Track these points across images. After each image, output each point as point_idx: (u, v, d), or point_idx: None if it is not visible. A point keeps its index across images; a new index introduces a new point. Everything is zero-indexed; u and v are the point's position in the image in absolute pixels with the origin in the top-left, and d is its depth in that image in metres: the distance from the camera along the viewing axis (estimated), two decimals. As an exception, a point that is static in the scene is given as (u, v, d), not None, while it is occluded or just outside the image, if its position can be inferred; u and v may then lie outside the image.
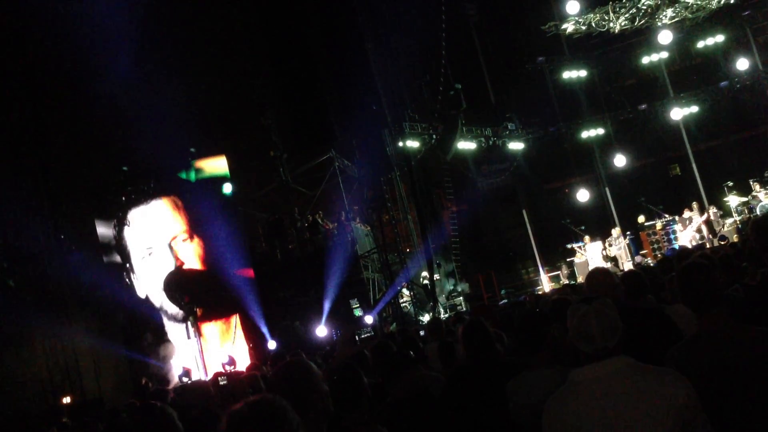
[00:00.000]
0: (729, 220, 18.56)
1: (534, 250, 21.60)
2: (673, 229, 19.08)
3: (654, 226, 19.68)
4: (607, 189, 21.65)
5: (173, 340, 15.82)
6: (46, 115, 16.64)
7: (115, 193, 16.45)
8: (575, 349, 2.59)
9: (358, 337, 14.12)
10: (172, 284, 15.77)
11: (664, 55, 21.42)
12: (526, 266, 22.36)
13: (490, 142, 20.79)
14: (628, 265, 17.87)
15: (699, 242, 17.70)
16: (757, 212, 17.70)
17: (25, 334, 14.83)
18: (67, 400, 14.66)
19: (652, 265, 15.00)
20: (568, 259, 20.23)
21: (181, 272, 15.94)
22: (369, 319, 15.62)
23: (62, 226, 16.09)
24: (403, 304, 17.81)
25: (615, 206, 21.38)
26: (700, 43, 21.28)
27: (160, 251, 16.06)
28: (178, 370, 14.74)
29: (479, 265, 21.21)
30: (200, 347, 14.05)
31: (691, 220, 18.65)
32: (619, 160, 21.65)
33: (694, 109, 21.21)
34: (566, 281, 18.93)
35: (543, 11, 20.73)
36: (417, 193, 18.61)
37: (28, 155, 16.35)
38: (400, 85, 19.15)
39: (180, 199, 16.41)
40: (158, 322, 15.95)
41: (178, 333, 15.70)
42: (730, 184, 19.25)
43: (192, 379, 13.03)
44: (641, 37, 21.21)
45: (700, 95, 21.31)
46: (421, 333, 9.12)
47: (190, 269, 16.04)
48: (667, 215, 19.56)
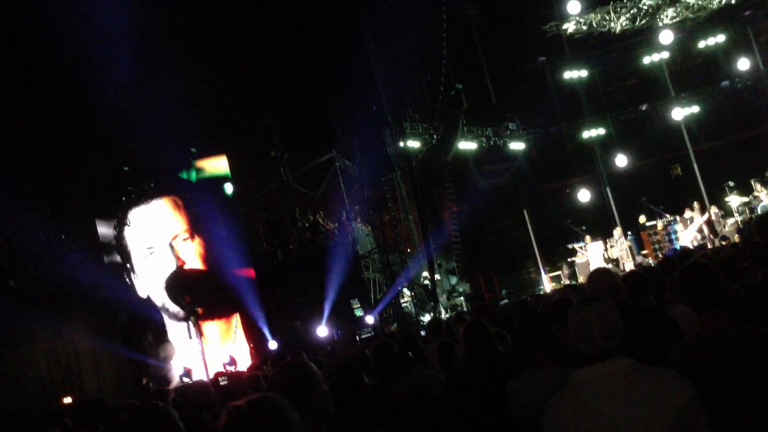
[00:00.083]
0: (730, 220, 18.54)
1: (535, 250, 21.59)
2: (674, 229, 19.07)
3: (655, 226, 19.66)
4: (608, 189, 21.64)
5: (174, 340, 15.81)
6: (47, 115, 16.64)
7: (115, 193, 16.43)
8: (576, 349, 2.59)
9: (358, 337, 14.12)
10: (173, 284, 15.75)
11: (665, 55, 21.40)
12: (527, 266, 22.34)
13: (491, 142, 20.79)
14: (629, 265, 17.86)
15: (700, 242, 17.69)
16: (758, 212, 17.67)
17: (25, 333, 14.83)
18: (68, 401, 14.66)
19: (653, 265, 15.01)
20: (569, 260, 20.23)
21: (182, 272, 15.93)
22: (370, 320, 15.61)
23: (63, 225, 16.09)
24: (404, 305, 17.80)
25: (616, 206, 21.36)
26: (701, 43, 21.26)
27: (161, 251, 16.06)
28: (178, 370, 14.73)
29: (480, 265, 21.20)
30: (201, 347, 14.03)
31: (693, 220, 18.63)
32: (620, 160, 21.64)
33: (695, 109, 21.21)
34: (567, 281, 18.92)
35: (544, 11, 20.72)
36: (418, 193, 18.60)
37: (29, 155, 16.34)
38: (400, 85, 19.15)
39: (181, 199, 16.39)
40: (159, 322, 15.94)
41: (179, 333, 15.70)
42: (731, 184, 19.24)
43: (193, 379, 13.03)
44: (642, 37, 21.20)
45: (701, 95, 21.31)
46: (422, 333, 9.11)
47: (191, 269, 16.03)
48: (668, 215, 19.54)
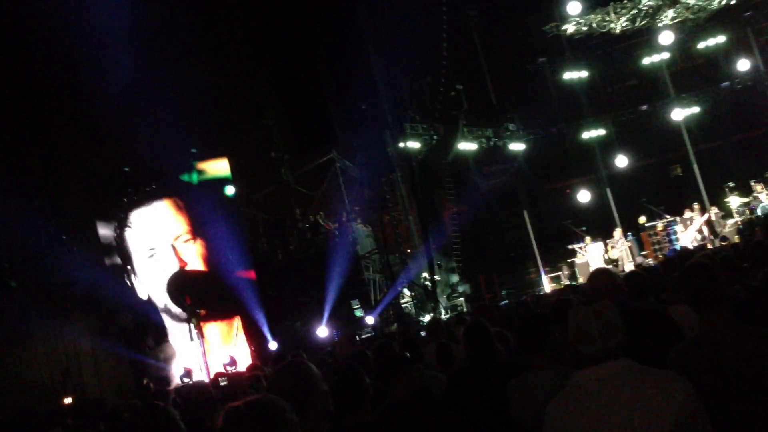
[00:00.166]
0: (730, 221, 18.54)
1: (535, 250, 21.57)
2: (674, 229, 19.07)
3: (655, 226, 19.66)
4: (608, 189, 21.62)
5: (175, 341, 15.80)
6: (48, 115, 16.64)
7: (116, 194, 16.43)
8: (576, 350, 2.59)
9: (358, 338, 14.14)
10: (174, 285, 15.74)
11: (665, 55, 21.39)
12: (527, 267, 22.33)
13: (491, 143, 20.78)
14: (629, 266, 17.86)
15: (700, 243, 17.69)
16: (758, 213, 17.69)
17: (26, 334, 14.83)
18: (68, 401, 14.66)
19: (653, 265, 15.01)
20: (569, 260, 20.22)
21: (183, 273, 15.92)
22: (370, 320, 15.62)
23: (64, 226, 16.09)
24: (404, 305, 17.80)
25: (616, 207, 21.35)
26: (702, 44, 21.25)
27: (163, 252, 16.05)
28: (179, 371, 14.73)
29: (480, 265, 21.19)
30: (203, 348, 14.02)
31: (693, 220, 18.64)
32: (621, 161, 21.62)
33: (695, 109, 21.19)
34: (567, 282, 18.92)
35: (544, 12, 20.70)
36: (418, 193, 18.60)
37: (30, 156, 16.35)
38: (401, 85, 19.14)
39: (182, 201, 16.38)
40: (160, 324, 15.93)
41: (180, 334, 15.68)
42: (731, 184, 19.25)
43: (193, 380, 13.03)
44: (642, 37, 21.18)
45: (701, 96, 21.29)
46: (422, 333, 9.11)
47: (192, 270, 16.02)
48: (668, 216, 19.54)
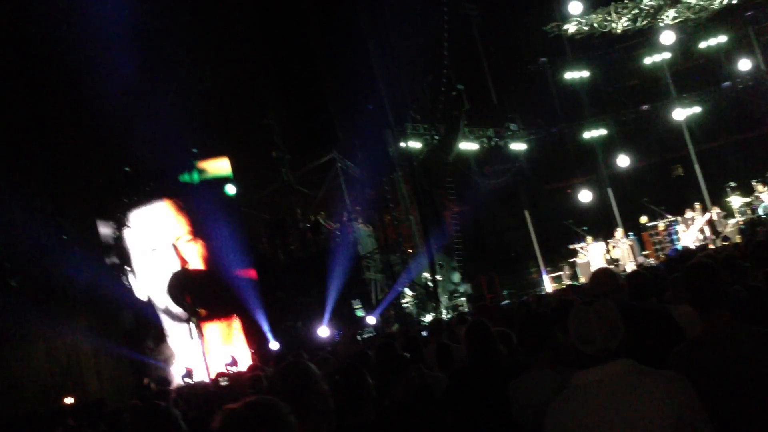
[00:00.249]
0: (731, 221, 18.52)
1: (536, 250, 21.56)
2: (676, 229, 19.06)
3: (656, 226, 19.64)
4: (610, 189, 21.61)
5: (175, 341, 15.80)
6: (49, 115, 16.66)
7: (116, 194, 16.44)
8: (577, 350, 2.58)
9: (359, 337, 14.13)
10: (175, 284, 15.75)
11: (667, 55, 21.35)
12: (529, 267, 22.31)
13: (492, 143, 20.76)
14: (630, 266, 17.84)
15: (702, 243, 17.67)
16: (760, 212, 17.67)
17: (26, 333, 14.85)
18: (69, 401, 14.67)
19: (655, 265, 14.99)
20: (571, 260, 20.21)
21: (184, 273, 15.92)
22: (371, 320, 15.61)
23: (64, 226, 16.10)
24: (405, 305, 17.79)
25: (617, 207, 21.33)
26: (703, 44, 21.23)
27: (163, 252, 16.05)
28: (179, 371, 14.73)
29: (481, 265, 21.17)
30: (203, 348, 14.04)
31: (694, 220, 18.62)
32: (623, 161, 21.59)
33: (697, 109, 21.16)
34: (568, 282, 18.90)
35: (545, 12, 20.70)
36: (419, 193, 18.59)
37: (31, 155, 16.36)
38: (402, 85, 19.13)
39: (182, 200, 16.38)
40: (159, 324, 15.93)
41: (180, 334, 15.68)
42: (733, 184, 19.22)
43: (194, 380, 13.02)
44: (643, 37, 21.16)
45: (703, 96, 21.27)
46: (423, 333, 9.10)
47: (192, 270, 16.03)
48: (669, 216, 19.52)
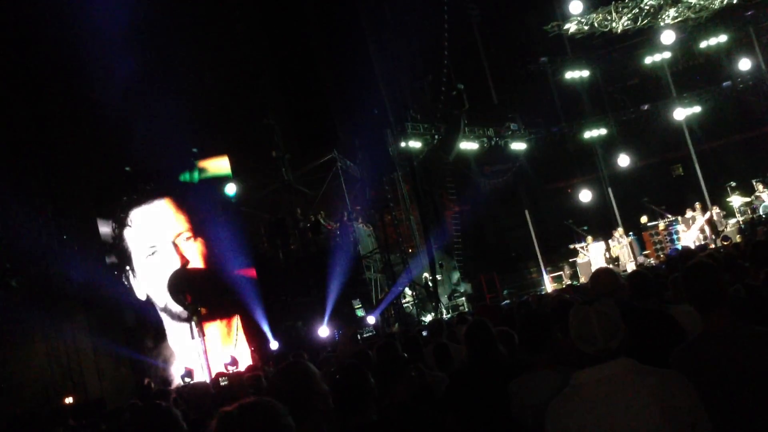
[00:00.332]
0: (732, 221, 18.52)
1: (536, 250, 21.57)
2: (676, 229, 19.05)
3: (657, 226, 19.64)
4: (610, 189, 21.61)
5: (174, 342, 15.80)
6: (49, 115, 16.66)
7: (117, 194, 16.43)
8: (577, 350, 2.58)
9: (360, 337, 14.12)
10: (175, 283, 15.74)
11: (667, 55, 21.35)
12: (529, 266, 22.31)
13: (493, 143, 20.76)
14: (631, 265, 17.84)
15: (702, 242, 17.66)
16: (760, 212, 17.67)
17: (26, 333, 14.85)
18: (69, 400, 14.66)
19: (655, 265, 14.99)
20: (571, 260, 20.21)
21: (184, 272, 15.91)
22: (371, 320, 15.61)
23: (64, 226, 16.10)
24: (405, 305, 17.79)
25: (618, 206, 21.34)
26: (703, 43, 21.21)
27: (163, 250, 16.05)
28: (179, 371, 14.73)
29: (481, 265, 21.17)
30: (204, 347, 14.02)
31: (694, 220, 18.61)
32: (623, 160, 21.59)
33: (697, 109, 21.16)
34: (569, 281, 18.90)
35: (545, 11, 20.68)
36: (419, 193, 18.60)
37: (31, 155, 16.36)
38: (402, 85, 19.14)
39: (182, 200, 16.38)
40: (159, 324, 15.93)
41: (180, 334, 15.68)
42: (733, 184, 19.21)
43: (194, 379, 13.02)
44: (644, 37, 21.15)
45: (703, 95, 21.26)
46: (424, 333, 9.09)
47: (192, 269, 16.02)
48: (669, 215, 19.52)
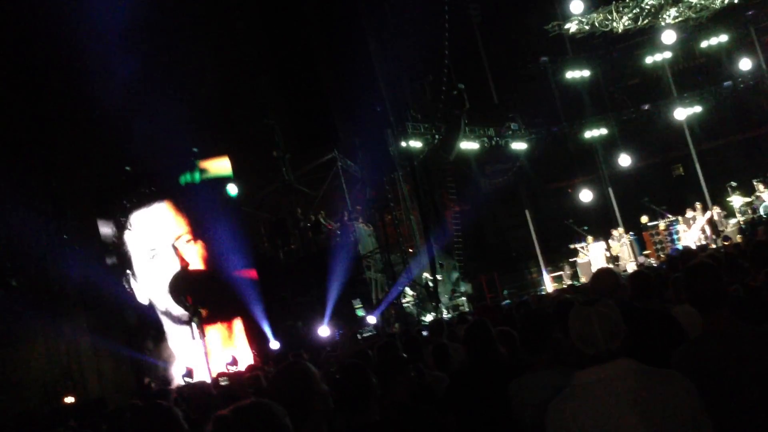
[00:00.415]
0: (732, 221, 18.51)
1: (537, 250, 21.57)
2: (676, 229, 19.05)
3: (657, 226, 19.63)
4: (610, 189, 21.60)
5: (174, 344, 15.80)
6: (50, 115, 16.65)
7: (117, 194, 16.43)
8: (577, 350, 2.57)
9: (360, 336, 14.13)
10: (176, 285, 15.74)
11: (668, 55, 21.34)
12: (529, 266, 22.32)
13: (493, 142, 20.76)
14: (631, 265, 17.83)
15: (702, 242, 17.65)
16: (761, 212, 17.65)
17: (27, 333, 14.85)
18: (69, 400, 14.66)
19: (656, 265, 14.98)
20: (571, 260, 20.21)
21: (184, 273, 15.92)
22: (371, 320, 15.61)
23: (65, 226, 16.11)
24: (406, 305, 17.78)
25: (618, 206, 21.33)
26: (704, 43, 21.21)
27: (164, 252, 16.05)
28: (179, 371, 14.73)
29: (482, 265, 21.17)
30: (205, 348, 14.02)
31: (695, 220, 18.60)
32: (623, 160, 21.58)
33: (698, 109, 21.15)
34: (569, 281, 18.90)
35: (546, 11, 20.68)
36: (420, 193, 18.59)
37: (31, 155, 16.37)
38: (402, 84, 19.13)
39: (182, 201, 16.38)
40: (159, 325, 15.93)
41: (180, 336, 15.67)
42: (734, 184, 19.20)
43: (194, 379, 13.02)
44: (645, 36, 21.15)
45: (704, 95, 21.25)
46: (424, 333, 9.09)
47: (193, 270, 16.02)
48: (670, 215, 19.52)
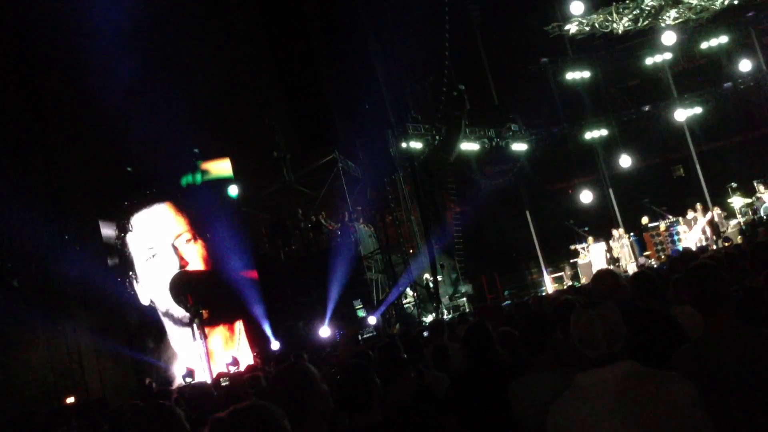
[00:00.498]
0: (733, 222, 18.51)
1: (537, 251, 21.57)
2: (677, 230, 19.05)
3: (658, 227, 19.63)
4: (611, 190, 21.61)
5: (175, 344, 15.81)
6: (51, 116, 16.66)
7: (118, 195, 16.45)
8: (578, 352, 2.57)
9: (360, 337, 14.12)
10: (176, 285, 15.75)
11: (668, 56, 21.36)
12: (530, 267, 22.33)
13: (494, 143, 20.77)
14: (631, 266, 17.83)
15: (704, 244, 17.65)
16: (761, 213, 17.65)
17: (28, 333, 14.85)
18: (70, 400, 14.66)
19: (656, 266, 14.98)
20: (572, 260, 20.21)
21: (185, 273, 15.93)
22: (372, 320, 15.61)
23: (66, 226, 16.11)
24: (406, 305, 17.79)
25: (618, 207, 21.34)
26: (704, 44, 21.23)
27: (164, 253, 16.06)
28: (181, 371, 14.74)
29: (482, 266, 21.18)
30: (206, 348, 14.04)
31: (695, 221, 18.60)
32: (624, 161, 21.59)
33: (698, 110, 21.17)
34: (570, 282, 18.90)
35: (546, 12, 20.70)
36: (420, 193, 18.62)
37: (33, 156, 16.37)
38: (403, 85, 19.16)
39: (183, 202, 16.41)
40: (160, 326, 15.94)
41: (180, 337, 15.69)
42: (734, 185, 19.21)
43: (195, 379, 13.04)
44: (645, 38, 21.17)
45: (704, 96, 21.27)
46: (425, 334, 9.10)
47: (194, 270, 16.04)
48: (670, 216, 19.52)
